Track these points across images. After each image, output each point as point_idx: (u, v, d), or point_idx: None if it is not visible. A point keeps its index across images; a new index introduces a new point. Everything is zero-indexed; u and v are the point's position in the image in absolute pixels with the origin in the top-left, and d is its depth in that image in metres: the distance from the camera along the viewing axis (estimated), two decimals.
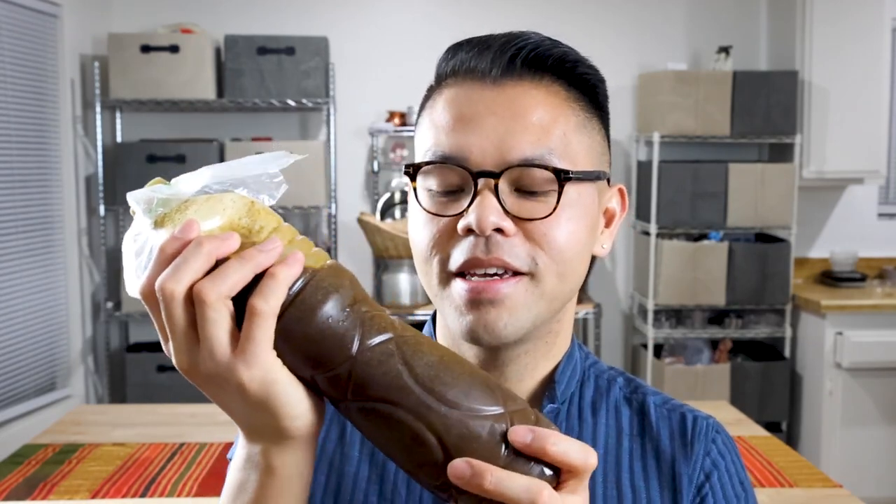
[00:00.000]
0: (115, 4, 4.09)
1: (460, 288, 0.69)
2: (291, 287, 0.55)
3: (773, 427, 3.91)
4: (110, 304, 3.86)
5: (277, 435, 0.58)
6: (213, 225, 0.57)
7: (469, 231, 0.68)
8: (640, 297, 4.19)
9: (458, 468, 0.53)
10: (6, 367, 3.30)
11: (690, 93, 3.86)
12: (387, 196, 4.15)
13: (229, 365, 0.55)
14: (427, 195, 0.72)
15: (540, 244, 0.69)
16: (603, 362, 0.84)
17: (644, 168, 4.08)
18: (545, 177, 0.68)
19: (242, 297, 0.55)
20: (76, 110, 3.80)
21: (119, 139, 3.99)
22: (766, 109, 3.89)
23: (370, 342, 0.56)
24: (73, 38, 3.74)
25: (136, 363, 3.76)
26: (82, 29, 3.84)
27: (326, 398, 0.59)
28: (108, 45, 3.72)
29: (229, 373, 0.55)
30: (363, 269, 4.15)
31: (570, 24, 4.15)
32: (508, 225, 0.67)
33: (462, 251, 0.68)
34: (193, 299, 0.54)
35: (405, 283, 3.66)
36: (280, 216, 0.60)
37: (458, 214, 0.69)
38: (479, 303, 0.69)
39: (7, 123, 3.30)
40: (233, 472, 0.62)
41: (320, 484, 0.77)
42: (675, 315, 4.11)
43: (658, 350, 4.11)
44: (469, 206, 0.68)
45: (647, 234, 4.00)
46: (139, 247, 0.59)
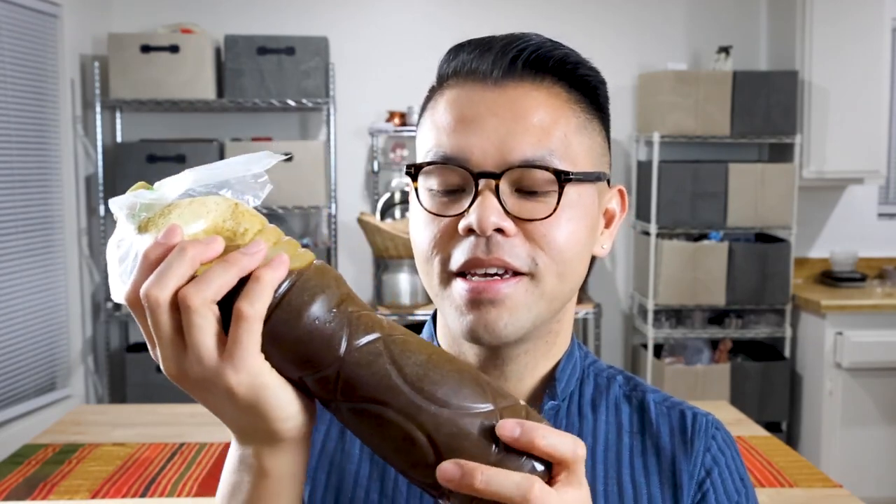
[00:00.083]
0: (115, 4, 4.09)
1: (461, 288, 0.70)
2: (277, 289, 0.55)
3: (773, 427, 3.91)
4: (110, 304, 3.86)
5: (269, 437, 0.58)
6: (198, 228, 0.57)
7: (470, 231, 0.68)
8: (640, 297, 4.19)
9: (448, 470, 0.53)
10: (6, 367, 3.30)
11: (690, 93, 3.87)
12: (387, 196, 4.15)
13: (217, 370, 0.54)
14: (428, 195, 0.72)
15: (540, 244, 0.69)
16: (602, 361, 0.84)
17: (644, 168, 4.08)
18: (546, 178, 0.69)
19: (229, 300, 0.55)
20: (76, 110, 3.80)
21: (119, 139, 3.99)
22: (766, 109, 3.89)
23: (358, 342, 0.56)
24: (73, 38, 3.74)
25: (136, 363, 3.77)
26: (82, 29, 3.84)
27: (317, 399, 0.59)
28: (108, 45, 3.72)
29: (217, 377, 0.55)
30: (363, 269, 4.15)
31: (570, 25, 4.15)
32: (509, 225, 0.68)
33: (463, 251, 0.69)
34: (179, 305, 0.54)
35: (405, 283, 3.66)
36: (265, 217, 0.60)
37: (459, 215, 0.69)
38: (480, 303, 0.69)
39: (7, 123, 3.30)
40: (226, 474, 0.63)
41: (321, 482, 0.77)
42: (675, 315, 4.11)
43: (658, 350, 4.11)
44: (470, 206, 0.68)
45: (647, 234, 4.00)
46: (123, 252, 0.58)
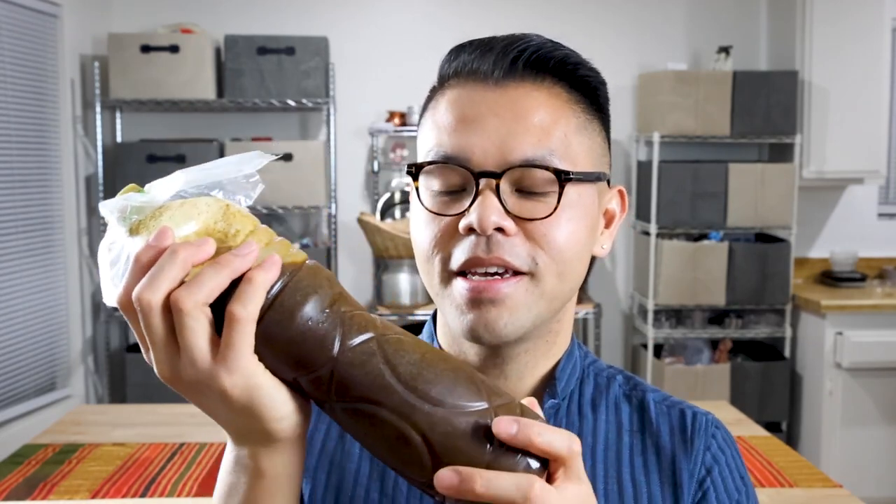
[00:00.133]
0: (115, 4, 4.09)
1: (461, 287, 0.70)
2: (270, 290, 0.55)
3: (773, 427, 3.91)
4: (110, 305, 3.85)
5: (264, 438, 0.58)
6: (189, 230, 0.57)
7: (470, 230, 0.68)
8: (640, 297, 4.19)
9: (446, 478, 0.53)
10: (6, 367, 3.30)
11: (690, 93, 3.87)
12: (387, 196, 4.15)
13: (211, 372, 0.54)
14: (429, 195, 0.72)
15: (540, 244, 0.69)
16: (602, 361, 0.84)
17: (644, 168, 4.08)
18: (546, 177, 0.69)
19: (221, 302, 0.55)
20: (76, 110, 3.80)
21: (119, 139, 3.99)
22: (766, 109, 3.89)
23: (351, 342, 0.56)
24: (73, 38, 3.74)
25: (136, 363, 3.76)
26: (82, 29, 3.84)
27: (311, 399, 0.59)
28: (108, 45, 3.72)
29: (211, 380, 0.55)
30: (363, 269, 4.15)
31: (570, 25, 4.15)
32: (509, 224, 0.68)
33: (463, 250, 0.69)
34: (171, 308, 0.54)
35: (405, 283, 3.66)
36: (258, 218, 0.60)
37: (460, 214, 0.69)
38: (480, 302, 0.69)
39: (7, 123, 3.30)
40: (223, 475, 0.63)
41: (321, 481, 0.77)
42: (675, 315, 4.11)
43: (658, 350, 4.11)
44: (470, 205, 0.68)
45: (647, 234, 4.00)
46: (115, 256, 0.58)
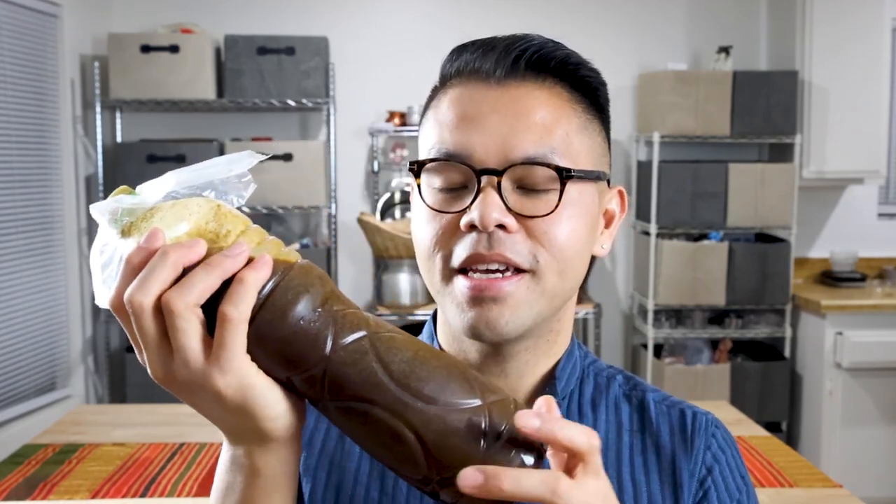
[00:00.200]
0: (115, 4, 4.09)
1: (462, 285, 0.70)
2: (261, 290, 0.55)
3: (773, 427, 3.91)
4: None
5: (258, 437, 0.58)
6: (180, 231, 0.57)
7: (472, 227, 0.69)
8: (640, 297, 4.19)
9: (470, 477, 0.52)
10: (6, 367, 3.30)
11: (690, 93, 3.87)
12: (387, 196, 4.15)
13: (204, 373, 0.55)
14: (430, 192, 0.72)
15: (541, 241, 0.70)
16: (602, 361, 0.84)
17: (644, 168, 4.08)
18: (547, 175, 0.69)
19: (213, 302, 0.55)
20: (76, 110, 3.80)
21: (119, 139, 3.99)
22: (766, 109, 3.89)
23: (343, 341, 0.56)
24: (73, 38, 3.74)
25: (136, 363, 3.76)
26: (82, 29, 3.84)
27: (305, 398, 0.59)
28: (108, 45, 3.72)
29: (204, 380, 0.55)
30: (363, 269, 4.15)
31: (570, 25, 4.15)
32: (511, 221, 0.68)
33: (465, 247, 0.69)
34: (163, 310, 0.54)
35: (405, 283, 3.66)
36: (250, 218, 0.60)
37: (461, 211, 0.70)
38: (482, 300, 0.69)
39: (7, 123, 3.30)
40: (219, 474, 0.63)
41: (321, 480, 0.77)
42: (675, 315, 4.11)
43: (658, 350, 4.11)
44: (472, 202, 0.69)
45: (647, 234, 4.00)
46: (107, 258, 0.58)
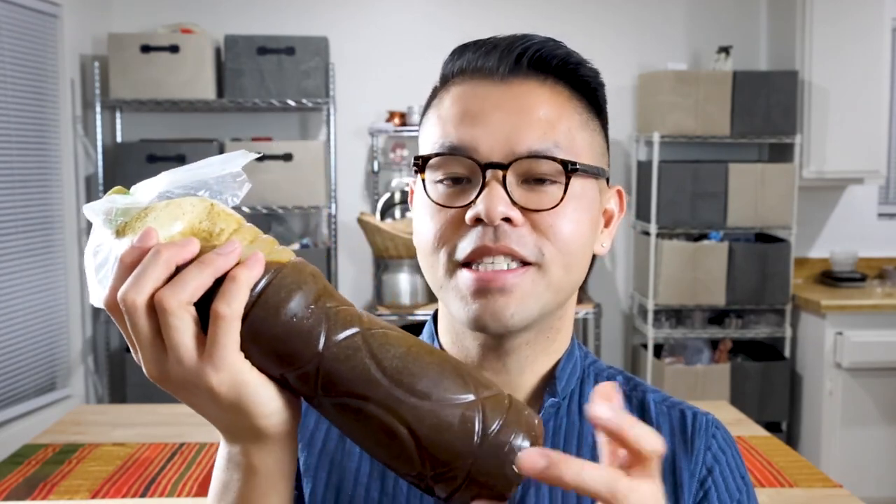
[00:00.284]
0: (115, 4, 4.09)
1: (467, 277, 0.70)
2: (254, 288, 0.55)
3: (773, 427, 3.91)
4: None
5: (254, 435, 0.59)
6: (174, 231, 0.57)
7: (477, 221, 0.69)
8: (640, 297, 4.19)
9: (532, 458, 0.51)
10: (6, 367, 3.30)
11: (690, 93, 3.87)
12: (387, 196, 4.15)
13: (197, 370, 0.55)
14: (434, 188, 0.73)
15: (547, 235, 0.70)
16: (602, 361, 0.85)
17: (644, 168, 4.08)
18: (552, 168, 0.70)
19: (207, 300, 0.55)
20: (76, 110, 3.80)
21: (119, 139, 3.99)
22: (766, 109, 3.89)
23: (336, 338, 0.56)
24: (73, 38, 3.74)
25: (135, 363, 3.69)
26: (82, 29, 3.84)
27: (300, 395, 0.59)
28: (108, 45, 3.72)
29: (198, 378, 0.55)
30: (363, 269, 4.15)
31: (570, 25, 4.15)
32: (516, 214, 0.69)
33: (470, 241, 0.70)
34: (156, 308, 0.54)
35: (405, 283, 3.66)
36: (242, 217, 0.60)
37: (466, 206, 0.70)
38: (488, 291, 0.69)
39: (7, 123, 3.30)
40: (217, 472, 0.63)
41: (322, 480, 0.77)
42: (675, 315, 4.11)
43: (658, 350, 4.11)
44: (477, 196, 0.69)
45: (647, 234, 4.00)
46: (103, 258, 0.58)
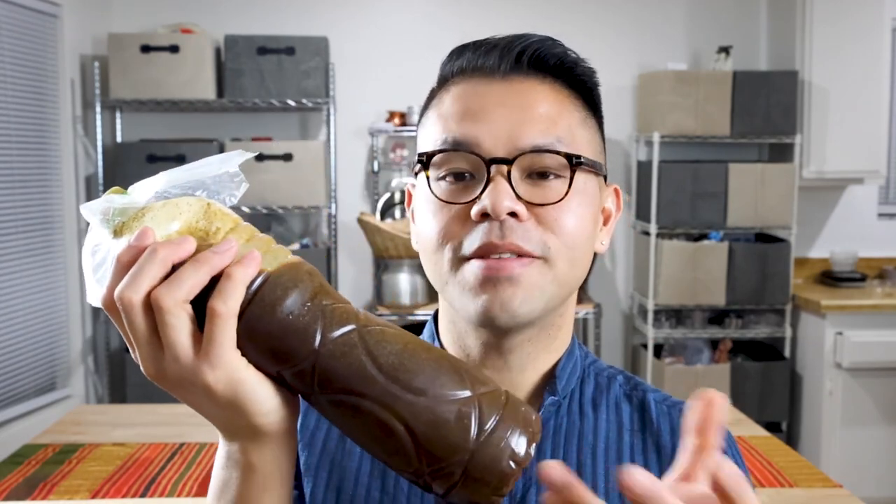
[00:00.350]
0: (115, 4, 4.09)
1: (475, 267, 0.70)
2: (250, 285, 0.55)
3: (773, 427, 3.91)
4: None
5: (251, 432, 0.59)
6: (171, 230, 0.57)
7: (483, 216, 0.69)
8: (640, 297, 4.19)
9: (635, 478, 0.46)
10: (6, 367, 3.30)
11: (690, 93, 3.86)
12: (387, 196, 4.15)
13: (194, 368, 0.55)
14: (436, 185, 0.73)
15: (552, 229, 0.70)
16: (602, 361, 0.85)
17: (644, 168, 4.08)
18: (556, 162, 0.71)
19: (203, 299, 0.55)
20: (76, 110, 3.80)
21: (119, 139, 3.99)
22: (766, 109, 3.89)
23: (332, 335, 0.56)
24: (73, 38, 3.74)
25: (136, 363, 3.71)
26: (82, 29, 3.84)
27: (297, 393, 0.59)
28: (108, 45, 3.72)
29: (195, 376, 0.55)
30: (363, 269, 4.15)
31: (570, 24, 4.15)
32: (522, 209, 0.69)
33: (476, 237, 0.70)
34: (152, 306, 0.54)
35: (405, 283, 3.66)
36: (239, 216, 0.60)
37: (471, 202, 0.70)
38: (497, 280, 0.69)
39: (7, 123, 3.30)
40: (216, 470, 0.63)
41: (322, 480, 0.77)
42: (675, 315, 4.11)
43: (658, 350, 4.11)
44: (482, 192, 0.69)
45: (647, 234, 4.00)
46: (101, 258, 0.59)
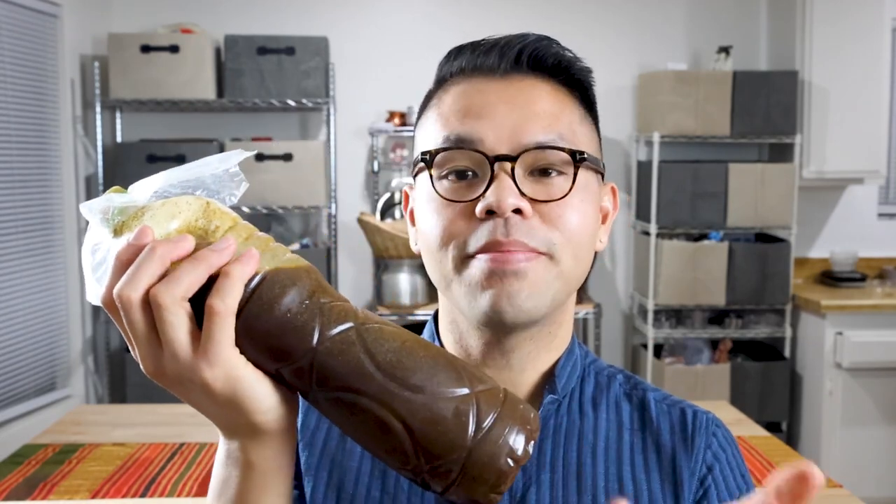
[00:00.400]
0: (115, 4, 4.09)
1: (481, 261, 0.70)
2: (249, 283, 0.56)
3: (773, 427, 3.91)
4: None
5: (250, 430, 0.59)
6: (171, 229, 0.57)
7: (487, 214, 0.69)
8: (640, 297, 4.19)
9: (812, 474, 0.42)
10: (6, 367, 3.30)
11: (690, 93, 3.86)
12: (387, 196, 4.15)
13: (192, 366, 0.55)
14: (438, 183, 0.73)
15: (556, 225, 0.70)
16: (602, 360, 0.85)
17: (644, 168, 4.08)
18: (560, 158, 0.71)
19: (201, 297, 0.55)
20: (76, 110, 3.80)
21: (119, 139, 3.99)
22: (766, 109, 3.89)
23: (330, 332, 0.56)
24: (73, 38, 3.74)
25: (136, 363, 3.73)
26: (82, 29, 3.84)
27: (295, 390, 0.59)
28: (108, 45, 3.72)
29: (193, 373, 0.55)
30: (363, 269, 4.15)
31: (570, 24, 4.15)
32: (526, 206, 0.69)
33: (482, 235, 0.70)
34: (151, 304, 0.54)
35: (405, 283, 3.66)
36: (238, 214, 0.60)
37: (474, 200, 0.70)
38: (503, 274, 0.69)
39: (7, 123, 3.30)
40: (216, 468, 0.63)
41: (323, 480, 0.77)
42: (675, 315, 4.11)
43: (658, 350, 4.11)
44: (486, 189, 0.69)
45: (647, 234, 4.00)
46: (101, 257, 0.59)
